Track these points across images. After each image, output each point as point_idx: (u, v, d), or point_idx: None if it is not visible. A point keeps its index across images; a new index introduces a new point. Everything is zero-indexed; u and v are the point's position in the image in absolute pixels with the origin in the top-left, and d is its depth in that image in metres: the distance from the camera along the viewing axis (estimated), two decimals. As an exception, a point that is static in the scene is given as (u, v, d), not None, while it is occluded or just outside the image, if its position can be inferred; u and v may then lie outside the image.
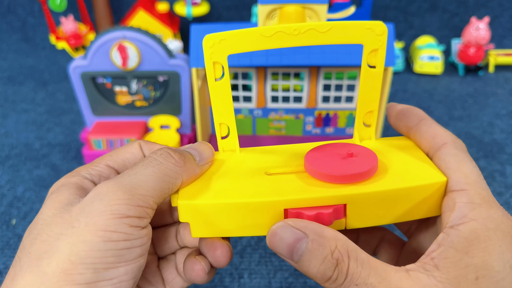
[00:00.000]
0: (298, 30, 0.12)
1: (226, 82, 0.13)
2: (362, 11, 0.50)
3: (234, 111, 0.42)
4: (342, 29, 0.12)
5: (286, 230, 0.11)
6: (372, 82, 0.13)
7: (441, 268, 0.10)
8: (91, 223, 0.10)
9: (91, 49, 0.34)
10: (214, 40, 0.13)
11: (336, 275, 0.10)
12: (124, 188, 0.11)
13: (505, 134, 0.42)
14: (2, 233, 0.30)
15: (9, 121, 0.46)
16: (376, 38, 0.12)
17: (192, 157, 0.13)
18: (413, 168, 0.13)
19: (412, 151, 0.13)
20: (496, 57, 0.55)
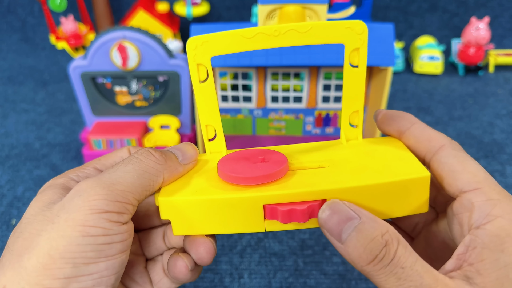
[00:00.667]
0: (278, 31, 0.12)
1: (211, 84, 0.13)
2: (362, 11, 0.50)
3: (234, 111, 0.42)
4: (322, 29, 0.12)
5: (340, 207, 0.11)
6: (356, 81, 0.13)
7: (482, 271, 0.10)
8: (70, 218, 0.10)
9: (91, 49, 0.34)
10: (197, 43, 0.13)
11: (383, 254, 0.10)
12: (103, 184, 0.11)
13: (505, 134, 0.42)
14: (2, 233, 0.30)
15: (9, 121, 0.46)
16: (356, 37, 0.12)
17: (175, 156, 0.13)
18: (397, 164, 0.12)
19: (398, 149, 0.13)
20: (496, 57, 0.55)
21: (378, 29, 0.31)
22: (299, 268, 0.26)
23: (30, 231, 0.10)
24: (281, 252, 0.28)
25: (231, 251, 0.28)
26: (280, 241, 0.28)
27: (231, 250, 0.28)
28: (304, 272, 0.26)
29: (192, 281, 0.14)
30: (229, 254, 0.28)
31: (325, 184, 0.12)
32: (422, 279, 0.10)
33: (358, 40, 0.12)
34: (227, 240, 0.29)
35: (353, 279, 0.26)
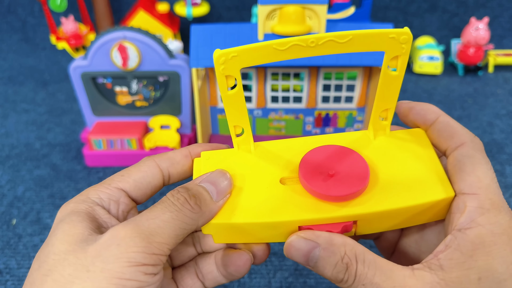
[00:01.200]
0: (315, 42, 0.12)
1: (240, 90, 0.13)
2: (362, 11, 0.50)
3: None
4: (364, 39, 0.12)
5: (300, 242, 0.12)
6: (392, 84, 0.13)
7: (445, 268, 0.11)
8: (107, 269, 0.10)
9: (91, 49, 0.34)
10: (226, 57, 0.12)
11: (346, 277, 0.11)
12: (142, 235, 0.11)
13: (504, 134, 0.42)
14: (2, 233, 0.30)
15: (10, 121, 0.46)
16: (399, 46, 0.12)
17: (209, 196, 0.13)
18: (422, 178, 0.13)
19: (425, 151, 0.13)
20: (496, 57, 0.55)
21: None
22: (299, 267, 0.26)
23: (61, 273, 0.10)
24: (281, 252, 0.28)
25: (231, 250, 0.28)
26: (280, 241, 0.28)
27: (231, 249, 0.28)
28: (304, 272, 0.26)
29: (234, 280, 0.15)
30: (229, 254, 0.28)
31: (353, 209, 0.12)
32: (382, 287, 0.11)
33: (400, 48, 0.12)
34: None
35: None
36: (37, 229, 0.30)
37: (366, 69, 0.36)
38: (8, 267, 0.27)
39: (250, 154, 0.15)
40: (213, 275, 0.15)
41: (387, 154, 0.14)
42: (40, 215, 0.32)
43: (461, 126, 0.13)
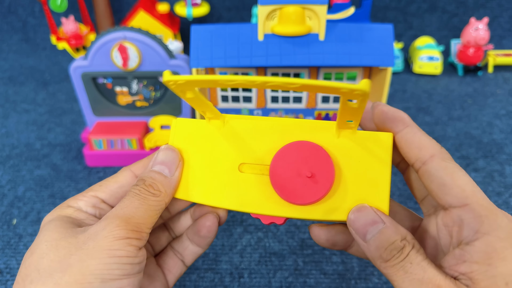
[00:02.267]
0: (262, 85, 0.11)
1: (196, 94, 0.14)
2: (362, 11, 0.50)
3: (234, 111, 0.42)
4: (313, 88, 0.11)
5: (368, 211, 0.13)
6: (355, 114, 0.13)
7: (474, 280, 0.11)
8: (98, 245, 0.12)
9: (91, 50, 0.34)
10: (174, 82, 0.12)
11: (399, 255, 0.12)
12: (121, 218, 0.13)
13: (504, 134, 0.42)
14: (3, 233, 0.30)
15: (10, 121, 0.46)
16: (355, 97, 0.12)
17: (163, 176, 0.15)
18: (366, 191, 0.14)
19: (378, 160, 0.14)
20: (495, 58, 0.55)
21: (378, 30, 0.31)
22: (299, 267, 0.27)
23: (56, 254, 0.12)
24: (281, 251, 0.28)
25: (231, 250, 0.28)
26: (280, 241, 0.29)
27: (231, 249, 0.28)
28: (304, 272, 0.26)
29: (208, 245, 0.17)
30: (229, 254, 0.28)
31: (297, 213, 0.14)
32: (424, 273, 0.12)
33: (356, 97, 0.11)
34: (227, 239, 0.29)
35: (353, 278, 0.26)
36: (38, 229, 0.30)
37: (366, 69, 0.36)
38: (9, 267, 0.27)
39: (218, 130, 0.15)
40: (189, 249, 0.17)
41: (349, 155, 0.14)
42: (40, 215, 0.32)
43: (429, 138, 0.13)
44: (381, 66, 0.31)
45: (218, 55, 0.31)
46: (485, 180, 0.35)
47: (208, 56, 0.31)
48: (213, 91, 0.38)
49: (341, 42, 0.30)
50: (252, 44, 0.31)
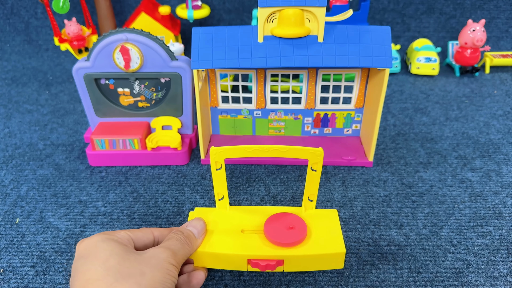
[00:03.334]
0: (268, 150, 0.22)
1: (223, 172, 0.24)
2: (360, 13, 0.51)
3: (234, 112, 0.42)
4: (296, 151, 0.22)
5: None
6: (314, 178, 0.24)
7: None
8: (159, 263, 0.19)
9: (94, 51, 0.34)
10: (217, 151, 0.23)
11: None
12: (172, 251, 0.20)
13: (501, 135, 0.42)
14: (6, 232, 0.30)
15: (13, 121, 0.46)
16: (316, 158, 0.22)
17: (193, 235, 0.22)
18: (328, 238, 0.23)
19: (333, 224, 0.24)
20: (492, 59, 0.56)
21: (376, 32, 0.31)
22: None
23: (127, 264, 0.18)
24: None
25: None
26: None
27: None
28: (303, 269, 0.27)
29: None
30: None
31: (284, 252, 0.22)
32: None
33: (318, 159, 0.23)
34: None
35: (351, 276, 0.26)
36: (40, 228, 0.31)
37: (364, 70, 0.37)
38: (12, 266, 0.28)
39: (225, 212, 0.25)
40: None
41: (313, 220, 0.24)
42: (43, 214, 0.32)
43: None
44: (379, 67, 0.31)
45: (219, 57, 0.31)
46: (482, 179, 0.35)
47: (209, 57, 0.31)
48: (214, 92, 0.39)
49: (340, 43, 0.31)
50: (252, 46, 0.31)
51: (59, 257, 0.28)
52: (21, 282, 0.26)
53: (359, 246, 0.28)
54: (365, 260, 0.27)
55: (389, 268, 0.26)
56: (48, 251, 0.29)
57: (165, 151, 0.37)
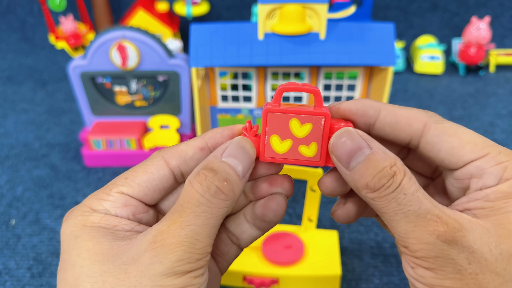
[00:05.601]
0: None
1: None
2: (363, 10, 0.50)
3: (234, 111, 0.42)
4: (294, 172, 0.21)
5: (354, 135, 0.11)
6: (314, 199, 0.23)
7: (479, 215, 0.10)
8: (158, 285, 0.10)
9: (90, 49, 0.33)
10: None
11: (389, 184, 0.10)
12: (183, 247, 0.10)
13: (505, 134, 0.42)
14: (1, 234, 0.30)
15: (9, 121, 0.46)
16: (316, 179, 0.22)
17: (237, 176, 0.11)
18: (324, 260, 0.23)
19: (331, 244, 0.24)
20: (497, 57, 0.55)
21: (379, 29, 0.31)
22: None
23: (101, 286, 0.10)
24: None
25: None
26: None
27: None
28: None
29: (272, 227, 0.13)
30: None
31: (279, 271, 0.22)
32: (421, 204, 0.10)
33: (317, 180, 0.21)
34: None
35: (353, 279, 0.26)
36: (36, 230, 0.30)
37: (367, 68, 0.36)
38: (7, 268, 0.27)
39: None
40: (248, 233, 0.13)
41: (312, 240, 0.24)
42: (39, 216, 0.32)
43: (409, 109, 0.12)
44: (382, 65, 0.31)
45: (218, 54, 0.31)
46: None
47: (207, 55, 0.31)
48: (213, 90, 0.38)
49: (342, 41, 0.30)
50: (252, 43, 0.30)
51: (55, 259, 0.27)
52: (17, 284, 0.26)
53: (361, 248, 0.28)
54: (368, 262, 0.27)
55: (392, 271, 0.26)
56: (44, 253, 0.28)
57: (163, 151, 0.36)
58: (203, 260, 0.11)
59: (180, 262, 0.10)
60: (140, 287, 0.10)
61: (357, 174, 0.11)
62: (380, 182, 0.10)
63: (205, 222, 0.10)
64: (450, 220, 0.10)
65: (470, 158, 0.11)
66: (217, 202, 0.11)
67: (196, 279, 0.10)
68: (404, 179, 0.10)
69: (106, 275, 0.10)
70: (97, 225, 0.11)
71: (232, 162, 0.11)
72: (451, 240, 0.10)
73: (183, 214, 0.10)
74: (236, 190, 0.11)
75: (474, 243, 0.10)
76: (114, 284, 0.10)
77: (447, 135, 0.11)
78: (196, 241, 0.10)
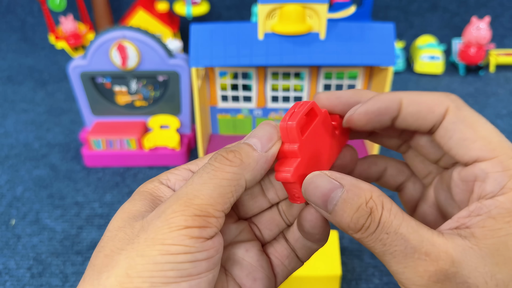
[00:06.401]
0: None
1: None
2: (363, 10, 0.50)
3: (234, 111, 0.42)
4: None
5: (323, 179, 0.11)
6: None
7: (478, 235, 0.10)
8: (150, 238, 0.10)
9: (90, 49, 0.33)
10: None
11: (368, 223, 0.10)
12: (179, 201, 0.10)
13: (506, 134, 0.41)
14: (1, 233, 0.30)
15: (9, 121, 0.46)
16: None
17: (251, 148, 0.11)
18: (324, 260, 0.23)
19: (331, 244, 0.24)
20: (497, 57, 0.55)
21: (379, 29, 0.31)
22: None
23: (111, 248, 0.10)
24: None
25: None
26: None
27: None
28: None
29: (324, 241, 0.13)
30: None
31: None
32: (406, 243, 0.10)
33: None
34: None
35: (353, 279, 0.26)
36: (36, 230, 0.30)
37: (367, 68, 0.36)
38: (7, 268, 0.27)
39: None
40: (300, 242, 0.13)
41: None
42: (39, 216, 0.32)
43: (430, 93, 0.11)
44: (382, 65, 0.31)
45: (218, 54, 0.31)
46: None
47: (207, 55, 0.31)
48: (213, 90, 0.38)
49: (342, 41, 0.30)
50: (252, 43, 0.30)
51: (55, 259, 0.27)
52: (17, 284, 0.26)
53: (361, 248, 0.28)
54: (368, 262, 0.27)
55: (392, 272, 0.26)
56: (44, 253, 0.28)
57: (163, 151, 0.36)
58: (203, 219, 0.10)
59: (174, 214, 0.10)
60: (136, 240, 0.10)
61: (337, 216, 0.10)
62: (359, 222, 0.10)
63: (206, 181, 0.11)
64: (440, 254, 0.10)
65: (478, 155, 0.10)
66: (221, 167, 0.11)
67: (192, 240, 0.10)
68: (383, 214, 0.10)
69: (119, 230, 0.11)
70: (148, 191, 0.12)
71: (251, 141, 0.12)
72: (444, 279, 0.09)
73: (192, 176, 0.11)
74: (247, 159, 0.11)
75: (469, 277, 0.09)
76: (121, 237, 0.10)
77: (463, 124, 0.10)
78: (194, 197, 0.10)
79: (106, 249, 0.10)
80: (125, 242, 0.10)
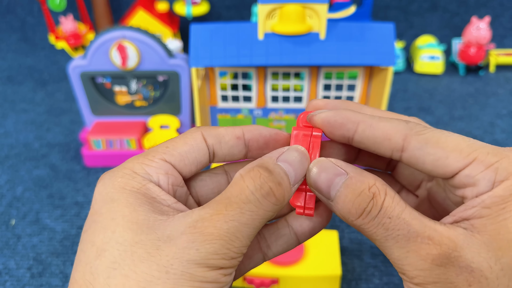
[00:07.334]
0: None
1: None
2: (363, 10, 0.50)
3: (234, 111, 0.42)
4: None
5: (327, 165, 0.11)
6: None
7: (477, 225, 0.10)
8: (189, 273, 0.09)
9: (90, 49, 0.33)
10: None
11: (370, 207, 0.10)
12: (221, 241, 0.10)
13: (505, 134, 0.42)
14: (1, 234, 0.30)
15: (9, 121, 0.46)
16: None
17: (288, 181, 0.11)
18: (324, 260, 0.23)
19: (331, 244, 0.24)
20: (497, 57, 0.55)
21: (379, 29, 0.31)
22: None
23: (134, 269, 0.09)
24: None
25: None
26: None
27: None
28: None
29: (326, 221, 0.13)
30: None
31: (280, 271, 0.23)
32: (409, 227, 0.10)
33: None
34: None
35: (353, 279, 0.26)
36: (36, 230, 0.30)
37: (367, 68, 0.36)
38: (7, 268, 0.27)
39: None
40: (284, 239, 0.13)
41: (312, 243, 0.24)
42: (39, 216, 0.32)
43: (388, 120, 0.11)
44: (382, 65, 0.31)
45: (218, 54, 0.31)
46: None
47: (207, 55, 0.31)
48: (213, 90, 0.38)
49: (342, 41, 0.30)
50: (252, 43, 0.30)
51: (55, 259, 0.27)
52: (17, 284, 0.26)
53: (361, 248, 0.28)
54: (368, 262, 0.27)
55: (392, 271, 0.26)
56: (44, 253, 0.28)
57: (163, 151, 0.36)
58: (236, 259, 0.10)
59: (216, 256, 0.10)
60: (170, 269, 0.09)
61: (339, 202, 0.10)
62: (361, 206, 0.10)
63: (249, 222, 0.10)
64: (443, 239, 0.10)
65: (457, 167, 0.10)
66: (266, 204, 0.10)
67: (225, 277, 0.10)
68: (386, 200, 0.10)
69: (137, 246, 0.10)
70: (137, 191, 0.11)
71: (287, 168, 0.11)
72: (447, 262, 0.09)
73: (228, 208, 0.10)
74: (286, 197, 0.11)
75: (472, 262, 0.09)
76: (143, 258, 0.09)
77: (429, 147, 0.10)
78: (236, 239, 0.10)
79: (124, 268, 0.09)
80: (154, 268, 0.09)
